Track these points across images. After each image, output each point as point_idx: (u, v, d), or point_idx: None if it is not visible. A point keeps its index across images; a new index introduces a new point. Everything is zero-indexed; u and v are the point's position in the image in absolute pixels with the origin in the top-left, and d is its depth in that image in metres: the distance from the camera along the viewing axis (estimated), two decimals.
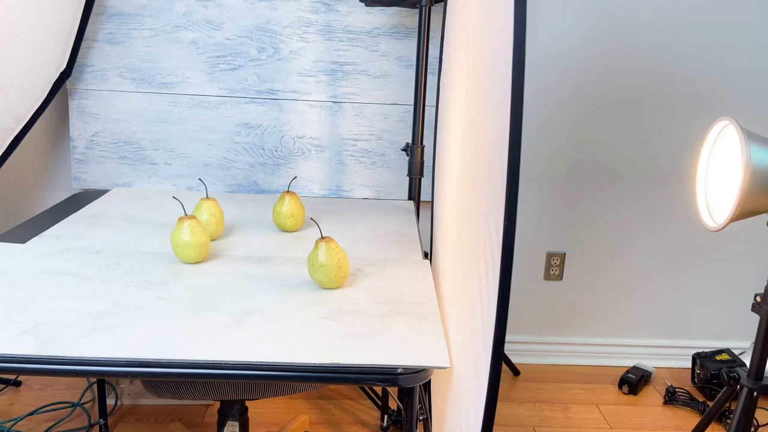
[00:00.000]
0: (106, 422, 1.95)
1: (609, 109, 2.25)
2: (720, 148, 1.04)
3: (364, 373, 1.04)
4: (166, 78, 2.09)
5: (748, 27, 2.19)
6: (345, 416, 2.08)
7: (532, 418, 2.10)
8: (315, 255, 1.30)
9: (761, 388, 1.20)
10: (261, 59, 2.09)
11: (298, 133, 2.14)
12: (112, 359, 1.02)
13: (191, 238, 1.39)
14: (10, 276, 1.31)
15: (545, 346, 2.45)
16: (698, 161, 1.11)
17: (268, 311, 1.21)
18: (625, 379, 2.29)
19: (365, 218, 1.85)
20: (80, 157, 2.13)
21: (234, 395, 1.49)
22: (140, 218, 1.74)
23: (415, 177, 2.00)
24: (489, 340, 0.89)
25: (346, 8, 2.05)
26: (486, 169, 1.01)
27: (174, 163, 2.15)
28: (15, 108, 1.87)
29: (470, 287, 1.08)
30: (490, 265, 0.92)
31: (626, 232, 2.36)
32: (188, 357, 1.03)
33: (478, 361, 0.95)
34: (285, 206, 1.65)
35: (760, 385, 1.20)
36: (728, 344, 2.41)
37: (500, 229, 0.86)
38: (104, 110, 2.10)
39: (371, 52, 2.09)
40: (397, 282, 1.38)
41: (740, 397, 1.21)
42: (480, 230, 1.03)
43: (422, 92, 1.95)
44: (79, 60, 2.06)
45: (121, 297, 1.23)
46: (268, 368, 1.03)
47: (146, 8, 2.04)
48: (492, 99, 0.97)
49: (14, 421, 1.95)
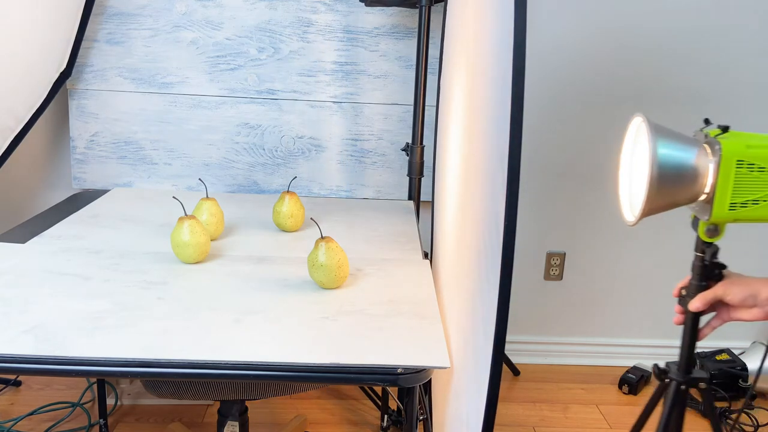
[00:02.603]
0: (106, 422, 1.95)
1: (609, 109, 2.25)
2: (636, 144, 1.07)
3: (364, 373, 1.04)
4: (166, 78, 2.09)
5: (749, 27, 2.19)
6: (345, 416, 2.08)
7: (532, 418, 2.10)
8: (315, 255, 1.30)
9: (689, 381, 1.21)
10: (261, 59, 2.09)
11: (298, 133, 2.14)
12: (112, 359, 1.02)
13: (191, 238, 1.39)
14: (10, 276, 1.31)
15: (545, 346, 2.45)
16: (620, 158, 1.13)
17: (268, 311, 1.21)
18: (625, 379, 2.29)
19: (365, 218, 1.85)
20: (80, 157, 2.13)
21: (234, 395, 1.49)
22: (140, 218, 1.74)
23: (415, 177, 2.00)
24: (489, 340, 0.89)
25: (346, 8, 2.05)
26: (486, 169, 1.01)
27: (174, 163, 2.15)
28: (15, 108, 1.87)
29: (470, 287, 1.08)
30: (490, 265, 0.92)
31: (626, 232, 2.36)
32: (188, 357, 1.03)
33: (478, 361, 0.95)
34: (285, 206, 1.65)
35: (688, 379, 1.21)
36: (728, 344, 2.41)
37: (500, 229, 0.86)
38: (104, 110, 2.10)
39: (371, 52, 2.09)
40: (397, 282, 1.38)
41: (668, 392, 1.21)
42: (480, 230, 1.03)
43: (422, 92, 1.95)
44: (79, 60, 2.06)
45: (121, 297, 1.23)
46: (268, 368, 1.03)
47: (146, 8, 2.04)
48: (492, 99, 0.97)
49: (14, 421, 1.95)
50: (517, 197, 0.84)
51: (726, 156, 1.03)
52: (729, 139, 1.04)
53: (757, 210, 1.06)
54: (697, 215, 1.10)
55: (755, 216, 1.07)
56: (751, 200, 1.05)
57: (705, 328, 1.18)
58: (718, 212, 1.06)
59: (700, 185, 1.05)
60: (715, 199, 1.05)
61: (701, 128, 1.10)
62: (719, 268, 1.13)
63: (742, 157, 1.03)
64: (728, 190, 1.04)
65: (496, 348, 0.86)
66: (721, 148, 1.03)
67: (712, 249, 1.12)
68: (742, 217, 1.06)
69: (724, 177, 1.04)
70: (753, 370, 2.23)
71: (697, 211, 1.10)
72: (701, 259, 1.13)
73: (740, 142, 1.04)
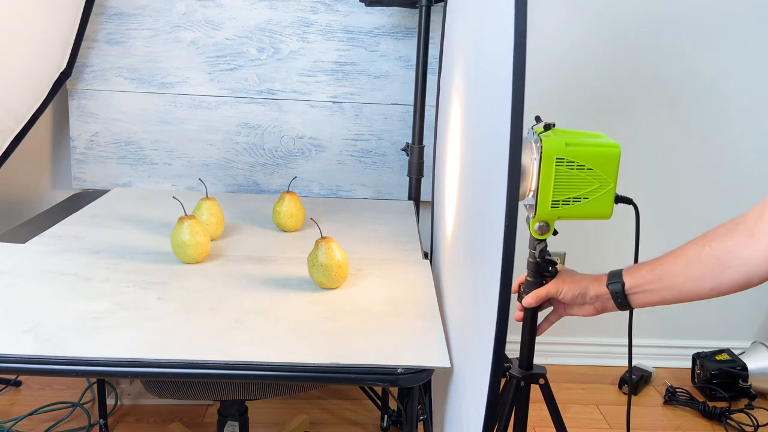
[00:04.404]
0: (106, 422, 1.95)
1: (608, 108, 2.25)
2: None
3: (364, 373, 1.04)
4: (166, 78, 2.09)
5: (749, 27, 2.19)
6: (345, 416, 2.08)
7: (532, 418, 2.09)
8: (315, 255, 1.30)
9: (528, 376, 1.22)
10: (261, 59, 2.09)
11: (298, 133, 2.14)
12: (112, 359, 1.02)
13: (191, 238, 1.39)
14: (10, 276, 1.31)
15: (545, 346, 2.45)
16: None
17: (268, 311, 1.20)
18: (625, 379, 2.29)
19: (365, 218, 1.85)
20: (80, 157, 2.13)
21: (234, 395, 1.49)
22: (140, 218, 1.74)
23: (415, 177, 2.00)
24: (489, 340, 0.89)
25: (346, 8, 2.05)
26: (486, 168, 1.01)
27: (174, 163, 2.15)
28: (15, 108, 1.87)
29: (470, 287, 1.08)
30: (490, 265, 0.92)
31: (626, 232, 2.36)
32: (188, 357, 1.03)
33: (478, 361, 0.95)
34: (285, 206, 1.65)
35: (527, 374, 1.22)
36: (728, 344, 2.41)
37: (501, 229, 0.86)
38: (104, 110, 2.10)
39: (371, 52, 2.09)
40: (397, 282, 1.38)
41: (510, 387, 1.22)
42: (480, 230, 1.03)
43: (422, 92, 1.95)
44: (79, 60, 2.06)
45: (121, 297, 1.23)
46: (268, 368, 1.03)
47: (146, 8, 2.04)
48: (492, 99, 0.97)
49: (14, 421, 1.95)
50: (517, 197, 0.84)
51: (546, 154, 1.03)
52: (550, 137, 1.04)
53: (579, 208, 1.07)
54: (528, 212, 1.11)
55: (578, 214, 1.07)
56: (572, 198, 1.06)
57: (543, 323, 1.21)
58: (542, 210, 1.06)
59: (527, 183, 1.06)
60: (538, 197, 1.05)
61: (532, 125, 1.10)
62: (551, 265, 1.13)
63: (561, 155, 1.03)
64: (550, 187, 1.05)
65: (495, 348, 0.86)
66: (542, 146, 1.03)
67: (542, 246, 1.12)
68: (566, 214, 1.07)
69: (546, 175, 1.04)
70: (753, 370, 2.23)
71: (528, 208, 1.10)
72: (533, 255, 1.13)
73: (560, 140, 1.04)
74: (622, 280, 1.04)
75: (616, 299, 1.05)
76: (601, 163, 1.05)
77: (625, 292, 1.04)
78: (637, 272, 1.03)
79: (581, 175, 1.05)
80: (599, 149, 1.05)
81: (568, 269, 1.15)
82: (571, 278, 1.11)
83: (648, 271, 1.01)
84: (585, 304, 1.11)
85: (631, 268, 1.05)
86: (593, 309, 1.11)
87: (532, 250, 1.13)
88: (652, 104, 2.25)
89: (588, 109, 2.25)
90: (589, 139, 1.07)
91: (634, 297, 1.04)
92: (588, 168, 1.05)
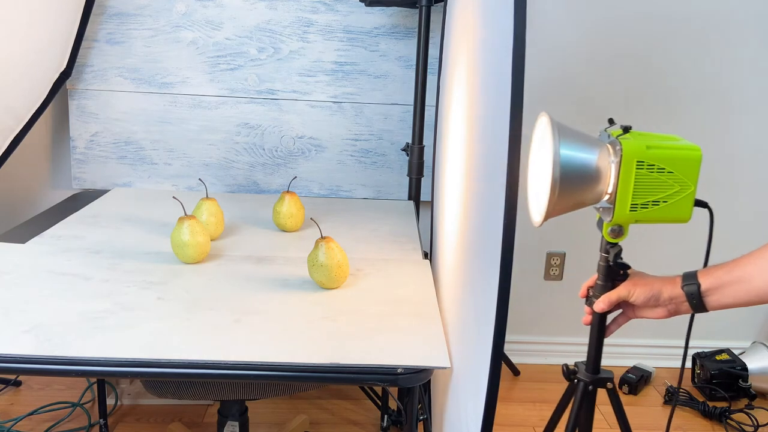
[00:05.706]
0: (106, 422, 1.95)
1: (608, 108, 2.25)
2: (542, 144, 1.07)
3: (364, 373, 1.04)
4: (166, 78, 2.09)
5: (749, 27, 2.19)
6: (345, 416, 2.08)
7: (532, 418, 2.10)
8: (315, 255, 1.30)
9: (596, 381, 1.22)
10: (261, 59, 2.09)
11: (298, 133, 2.14)
12: (112, 359, 1.02)
13: (191, 238, 1.39)
14: (10, 276, 1.31)
15: (545, 346, 2.45)
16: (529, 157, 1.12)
17: (268, 311, 1.21)
18: (625, 379, 2.29)
19: (365, 218, 1.85)
20: (80, 157, 2.13)
21: (234, 395, 1.49)
22: (140, 218, 1.74)
23: (415, 177, 2.00)
24: (489, 340, 0.89)
25: (346, 8, 2.05)
26: (486, 168, 1.01)
27: (174, 163, 2.15)
28: (15, 108, 1.87)
29: (470, 287, 1.08)
30: (490, 265, 0.92)
31: None
32: (188, 357, 1.03)
33: (477, 361, 0.95)
34: (285, 206, 1.65)
35: (595, 379, 1.22)
36: (728, 344, 2.41)
37: (500, 229, 0.86)
38: (104, 110, 2.10)
39: (371, 52, 2.09)
40: (397, 282, 1.38)
41: (577, 391, 1.21)
42: (480, 230, 1.03)
43: (422, 92, 1.95)
44: (79, 60, 2.06)
45: (121, 297, 1.23)
46: (268, 368, 1.03)
47: (146, 8, 2.04)
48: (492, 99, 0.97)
49: (14, 421, 1.95)
50: (517, 197, 0.84)
51: (626, 157, 1.02)
52: (630, 140, 1.03)
53: (657, 211, 1.05)
54: (601, 216, 1.10)
55: (656, 217, 1.06)
56: (651, 201, 1.05)
57: (611, 325, 1.19)
58: (620, 213, 1.05)
59: (602, 186, 1.04)
60: (616, 200, 1.04)
61: (605, 128, 1.10)
62: (623, 268, 1.12)
63: (642, 158, 1.02)
64: (629, 191, 1.03)
65: (495, 348, 0.86)
66: (621, 148, 1.02)
67: (615, 249, 1.11)
68: (644, 218, 1.06)
69: (625, 178, 1.03)
70: (753, 370, 2.23)
71: (601, 211, 1.09)
72: (605, 259, 1.12)
73: (641, 142, 1.03)
74: (698, 281, 1.03)
75: (692, 301, 1.04)
76: (682, 166, 1.03)
77: (701, 293, 1.03)
78: (713, 273, 1.02)
79: (661, 178, 1.03)
80: (680, 152, 1.03)
81: (638, 271, 1.14)
82: (642, 281, 1.10)
83: (725, 272, 1.01)
84: (657, 307, 1.09)
85: (707, 270, 1.04)
86: (665, 311, 1.09)
87: (605, 254, 1.12)
88: (650, 103, 2.25)
89: (588, 108, 2.25)
90: (669, 142, 1.05)
91: (710, 299, 1.03)
92: (668, 171, 1.03)
